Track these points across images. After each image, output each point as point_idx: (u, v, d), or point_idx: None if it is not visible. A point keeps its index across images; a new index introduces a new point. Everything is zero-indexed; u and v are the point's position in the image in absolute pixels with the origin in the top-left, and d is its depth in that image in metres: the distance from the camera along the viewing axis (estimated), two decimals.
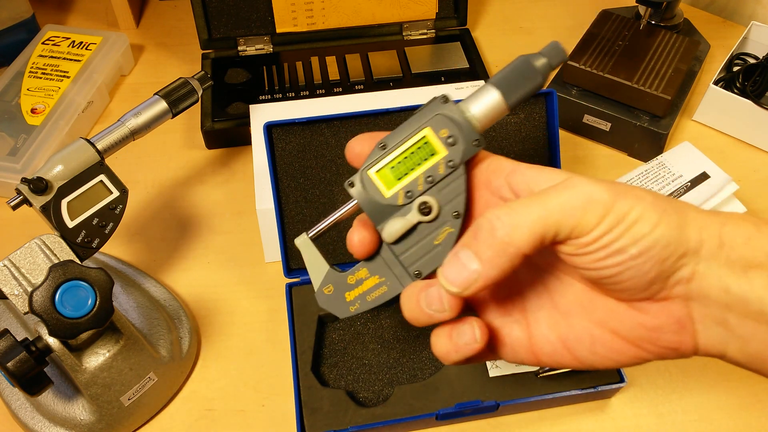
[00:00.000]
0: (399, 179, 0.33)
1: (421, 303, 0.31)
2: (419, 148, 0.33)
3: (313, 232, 0.35)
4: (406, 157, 0.33)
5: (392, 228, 0.33)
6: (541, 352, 0.33)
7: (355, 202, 0.34)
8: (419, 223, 0.33)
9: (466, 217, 0.33)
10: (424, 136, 0.33)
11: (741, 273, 0.29)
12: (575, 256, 0.30)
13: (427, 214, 0.32)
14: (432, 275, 0.33)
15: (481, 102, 0.33)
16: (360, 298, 0.34)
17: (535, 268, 0.34)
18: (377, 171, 0.33)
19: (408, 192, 0.33)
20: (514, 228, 0.29)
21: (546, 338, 0.33)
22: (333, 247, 0.58)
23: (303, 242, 0.35)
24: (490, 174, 0.33)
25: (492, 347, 0.34)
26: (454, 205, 0.32)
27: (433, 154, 0.33)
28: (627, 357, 0.32)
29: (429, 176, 0.33)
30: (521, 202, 0.30)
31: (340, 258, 0.58)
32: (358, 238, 0.34)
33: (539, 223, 0.29)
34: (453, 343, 0.31)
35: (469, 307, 0.35)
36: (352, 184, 0.34)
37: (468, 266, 0.29)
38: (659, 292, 0.30)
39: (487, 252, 0.29)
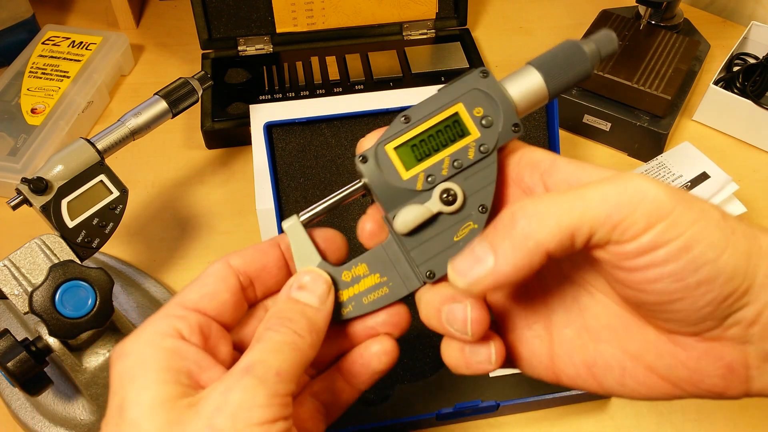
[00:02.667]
0: (420, 160, 0.28)
1: (443, 315, 0.27)
2: (448, 126, 0.28)
3: (306, 215, 0.30)
4: (431, 135, 0.28)
5: (408, 216, 0.28)
6: (563, 374, 0.29)
7: (362, 182, 0.29)
8: (439, 213, 0.28)
9: (492, 214, 0.28)
10: (455, 113, 0.28)
11: None
12: (617, 269, 0.25)
13: (451, 204, 0.28)
14: (446, 278, 0.28)
15: (521, 84, 0.29)
16: (355, 299, 0.29)
17: (566, 280, 0.30)
18: (396, 147, 0.28)
19: (429, 176, 0.28)
20: (539, 219, 0.24)
21: (570, 360, 0.29)
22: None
23: (292, 226, 0.30)
24: (523, 168, 0.28)
25: (509, 359, 0.30)
26: (481, 197, 0.28)
27: (462, 135, 0.28)
28: (660, 393, 0.27)
29: (456, 160, 0.28)
30: (552, 194, 0.25)
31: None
32: (371, 228, 0.29)
33: (571, 216, 0.24)
34: (465, 358, 0.28)
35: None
36: (364, 159, 0.28)
37: (482, 259, 0.25)
38: (710, 330, 0.25)
39: (504, 244, 0.24)
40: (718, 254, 0.23)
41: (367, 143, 0.29)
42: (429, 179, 0.28)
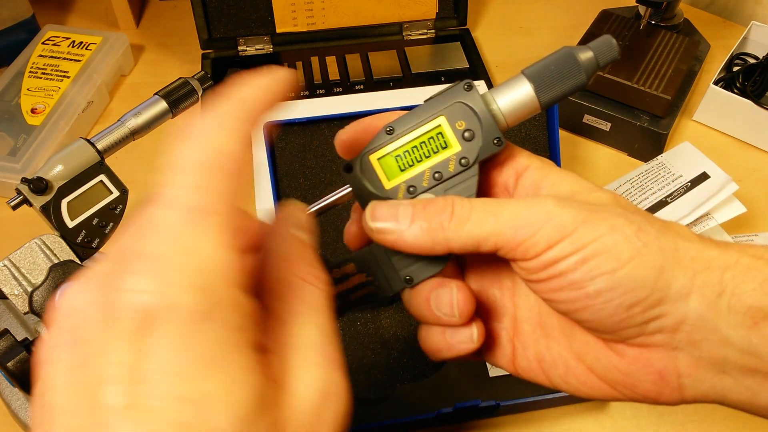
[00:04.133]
0: (403, 170, 0.29)
1: (431, 303, 0.29)
2: (431, 138, 0.29)
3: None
4: (414, 147, 0.29)
5: None
6: (519, 366, 0.31)
7: (349, 188, 0.30)
8: None
9: None
10: (438, 125, 0.29)
11: (750, 325, 0.25)
12: (529, 282, 0.27)
13: None
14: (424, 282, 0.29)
15: (510, 95, 0.29)
16: (343, 296, 0.30)
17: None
18: (380, 158, 0.29)
19: (410, 187, 0.29)
20: (458, 222, 0.26)
21: (524, 353, 0.31)
22: (333, 247, 0.58)
23: None
24: (506, 168, 0.30)
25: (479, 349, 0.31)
26: None
27: (444, 148, 0.29)
28: (600, 393, 0.29)
29: (437, 172, 0.29)
30: (481, 201, 0.27)
31: (340, 258, 0.58)
32: (355, 229, 0.31)
33: (480, 230, 0.26)
34: (446, 341, 0.29)
35: None
36: (349, 168, 0.30)
37: (399, 219, 0.27)
38: (634, 337, 0.26)
39: (422, 222, 0.27)
40: (617, 266, 0.25)
41: (343, 134, 0.30)
42: (410, 189, 0.29)
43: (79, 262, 0.46)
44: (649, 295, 0.25)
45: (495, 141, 0.29)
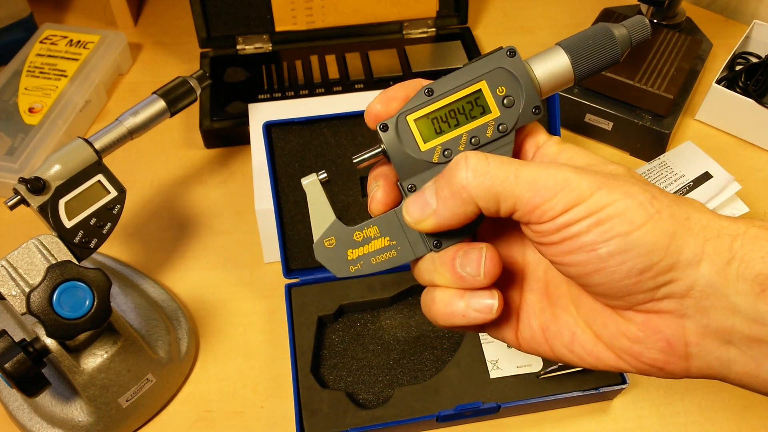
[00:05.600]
0: (439, 133, 0.29)
1: (456, 261, 0.29)
2: (470, 102, 0.29)
3: (323, 173, 0.31)
4: (452, 110, 0.29)
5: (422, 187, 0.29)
6: (521, 337, 0.31)
7: (380, 149, 0.30)
8: None
9: None
10: (478, 90, 0.29)
11: (758, 292, 0.25)
12: (541, 245, 0.27)
13: None
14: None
15: (548, 65, 0.29)
16: (364, 258, 0.30)
17: (535, 250, 0.32)
18: (417, 119, 0.29)
19: (446, 150, 0.29)
20: (476, 176, 0.27)
21: (528, 322, 0.31)
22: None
23: (311, 183, 0.31)
24: (526, 144, 0.31)
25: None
26: None
27: (483, 113, 0.29)
28: (605, 364, 0.29)
29: (474, 137, 0.29)
30: (500, 158, 0.27)
31: None
32: (381, 195, 0.31)
33: (502, 186, 0.26)
34: (462, 305, 0.29)
35: None
36: (384, 127, 0.29)
37: (428, 202, 0.28)
38: (643, 303, 0.27)
39: (445, 191, 0.27)
40: (630, 229, 0.25)
41: (376, 106, 0.30)
42: (446, 153, 0.29)
43: (77, 263, 0.45)
44: (660, 260, 0.25)
45: (534, 110, 0.29)
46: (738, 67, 0.77)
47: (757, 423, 0.53)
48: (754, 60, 0.78)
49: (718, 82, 0.73)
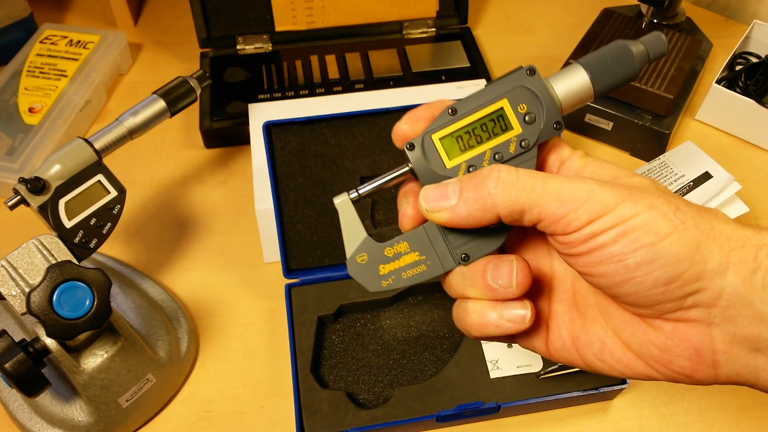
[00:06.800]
0: (463, 151, 0.30)
1: (488, 274, 0.30)
2: (492, 120, 0.30)
3: (355, 193, 0.32)
4: (475, 128, 0.30)
5: None
6: (552, 346, 0.32)
7: (408, 168, 0.31)
8: None
9: None
10: (500, 108, 0.30)
11: None
12: (568, 256, 0.28)
13: None
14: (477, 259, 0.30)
15: (568, 82, 0.30)
16: (395, 273, 0.31)
17: (562, 262, 0.33)
18: (442, 137, 0.30)
19: (471, 167, 0.30)
20: (505, 187, 0.28)
21: (559, 333, 0.32)
22: (333, 248, 0.58)
23: (343, 203, 0.32)
24: (550, 157, 0.32)
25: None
26: None
27: (505, 130, 0.30)
28: (634, 372, 0.30)
29: (497, 153, 0.30)
30: (528, 172, 0.28)
31: (340, 259, 0.58)
32: (412, 212, 0.32)
33: (528, 197, 0.27)
34: (496, 316, 0.29)
35: None
36: (411, 147, 0.31)
37: (449, 196, 0.29)
38: (672, 312, 0.27)
39: (470, 193, 0.28)
40: (656, 240, 0.26)
41: (403, 126, 0.31)
42: (470, 169, 0.30)
43: (77, 263, 0.45)
44: (687, 270, 0.26)
45: (555, 125, 0.31)
46: (738, 67, 0.77)
47: (756, 423, 0.53)
48: (754, 60, 0.78)
49: (718, 82, 0.73)
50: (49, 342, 0.45)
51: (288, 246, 0.57)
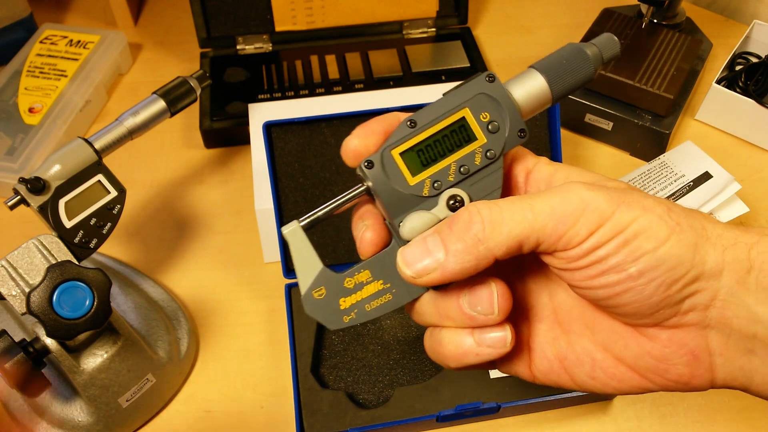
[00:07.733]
0: (426, 165, 0.28)
1: (462, 302, 0.27)
2: (454, 131, 0.28)
3: (306, 220, 0.29)
4: (437, 140, 0.28)
5: (415, 223, 0.27)
6: (537, 369, 0.30)
7: (364, 187, 0.29)
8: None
9: None
10: (462, 117, 0.28)
11: None
12: (565, 271, 0.26)
13: (457, 210, 0.27)
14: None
15: (525, 87, 0.29)
16: (357, 306, 0.28)
17: (540, 277, 0.31)
18: (402, 152, 0.28)
19: (436, 182, 0.28)
20: (493, 226, 0.25)
21: (543, 354, 0.30)
22: (333, 248, 0.58)
23: (292, 232, 0.29)
24: (514, 169, 0.30)
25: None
26: None
27: (469, 141, 0.28)
28: (629, 386, 0.28)
29: (462, 165, 0.28)
30: (508, 200, 0.26)
31: (340, 259, 0.58)
32: (371, 236, 0.29)
33: (521, 227, 0.25)
34: (474, 344, 0.27)
35: None
36: (369, 164, 0.28)
37: (432, 252, 0.26)
38: (669, 318, 0.26)
39: (456, 245, 0.26)
40: (657, 245, 0.25)
41: (353, 141, 0.29)
42: (435, 185, 0.28)
43: (77, 263, 0.45)
44: (687, 272, 0.25)
45: (520, 133, 0.28)
46: (738, 67, 0.77)
47: (756, 423, 0.53)
48: (754, 60, 0.77)
49: (718, 82, 0.73)
50: (49, 342, 0.45)
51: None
